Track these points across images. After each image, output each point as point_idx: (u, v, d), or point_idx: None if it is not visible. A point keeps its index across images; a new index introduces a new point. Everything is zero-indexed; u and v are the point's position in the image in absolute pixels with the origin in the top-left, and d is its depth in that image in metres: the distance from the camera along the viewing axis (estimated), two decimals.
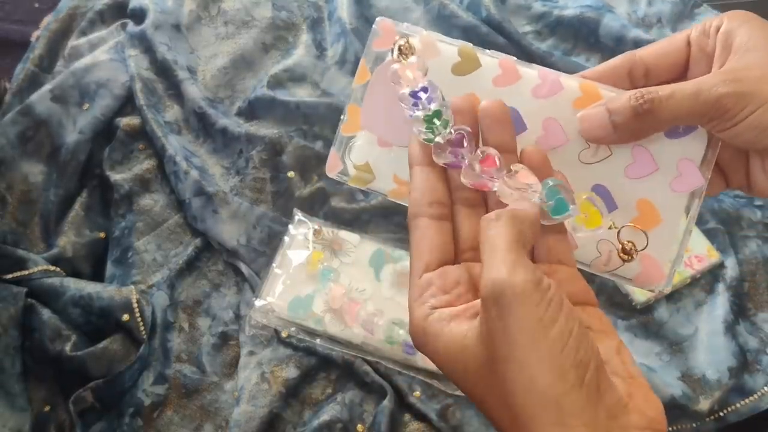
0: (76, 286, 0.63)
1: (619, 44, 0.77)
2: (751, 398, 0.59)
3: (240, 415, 0.59)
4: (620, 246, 0.31)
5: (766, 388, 0.60)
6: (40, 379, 0.61)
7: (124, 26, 0.82)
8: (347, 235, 0.66)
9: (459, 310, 0.27)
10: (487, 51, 0.34)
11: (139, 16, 0.81)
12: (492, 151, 0.30)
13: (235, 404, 0.60)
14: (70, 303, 0.62)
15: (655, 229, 0.32)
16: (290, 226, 0.67)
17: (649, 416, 0.25)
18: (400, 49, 0.33)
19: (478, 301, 0.26)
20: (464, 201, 0.31)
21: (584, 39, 0.79)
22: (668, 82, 0.31)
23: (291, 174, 0.71)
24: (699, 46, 0.33)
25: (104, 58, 0.78)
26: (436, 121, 0.30)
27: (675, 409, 0.59)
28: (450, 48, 0.34)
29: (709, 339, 0.62)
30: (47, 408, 0.60)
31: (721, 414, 0.59)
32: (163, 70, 0.77)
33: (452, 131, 0.30)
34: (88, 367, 0.60)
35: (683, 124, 0.31)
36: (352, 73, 0.78)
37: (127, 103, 0.76)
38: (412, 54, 0.33)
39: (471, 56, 0.34)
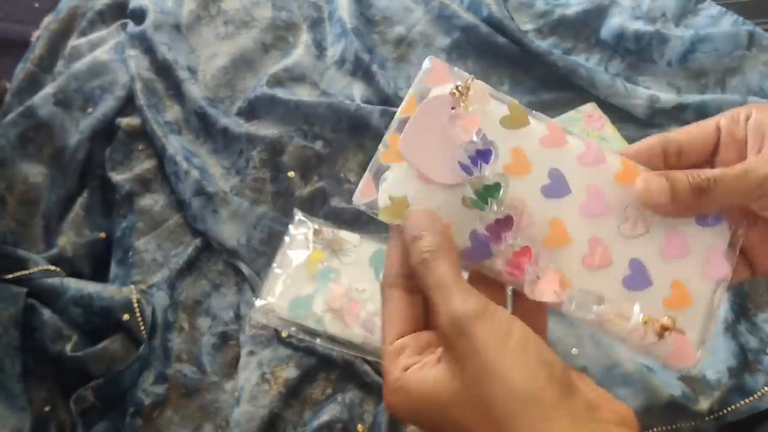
0: (77, 286, 0.63)
1: (620, 41, 0.77)
2: (751, 398, 0.59)
3: (240, 415, 0.59)
4: (659, 322, 0.31)
5: (766, 387, 0.59)
6: (41, 379, 0.61)
7: (124, 26, 0.82)
8: (347, 235, 0.66)
9: (427, 360, 0.29)
10: (533, 112, 0.34)
11: (139, 16, 0.81)
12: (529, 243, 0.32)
13: (235, 404, 0.60)
14: (71, 303, 0.62)
15: (686, 310, 0.33)
16: (290, 226, 0.67)
17: (620, 413, 0.27)
18: (458, 90, 0.33)
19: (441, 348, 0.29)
20: None
21: (585, 39, 0.79)
22: (699, 164, 0.35)
23: (291, 174, 0.71)
24: (728, 132, 0.35)
25: (104, 58, 0.78)
26: (494, 192, 0.31)
27: (674, 409, 0.59)
28: (498, 102, 0.34)
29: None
30: (47, 408, 0.60)
31: (721, 413, 0.59)
32: (163, 70, 0.77)
33: (502, 210, 0.31)
34: (89, 366, 0.60)
35: (732, 205, 0.33)
36: (352, 73, 0.78)
37: (127, 104, 0.76)
38: (466, 97, 0.33)
39: (520, 112, 0.34)
